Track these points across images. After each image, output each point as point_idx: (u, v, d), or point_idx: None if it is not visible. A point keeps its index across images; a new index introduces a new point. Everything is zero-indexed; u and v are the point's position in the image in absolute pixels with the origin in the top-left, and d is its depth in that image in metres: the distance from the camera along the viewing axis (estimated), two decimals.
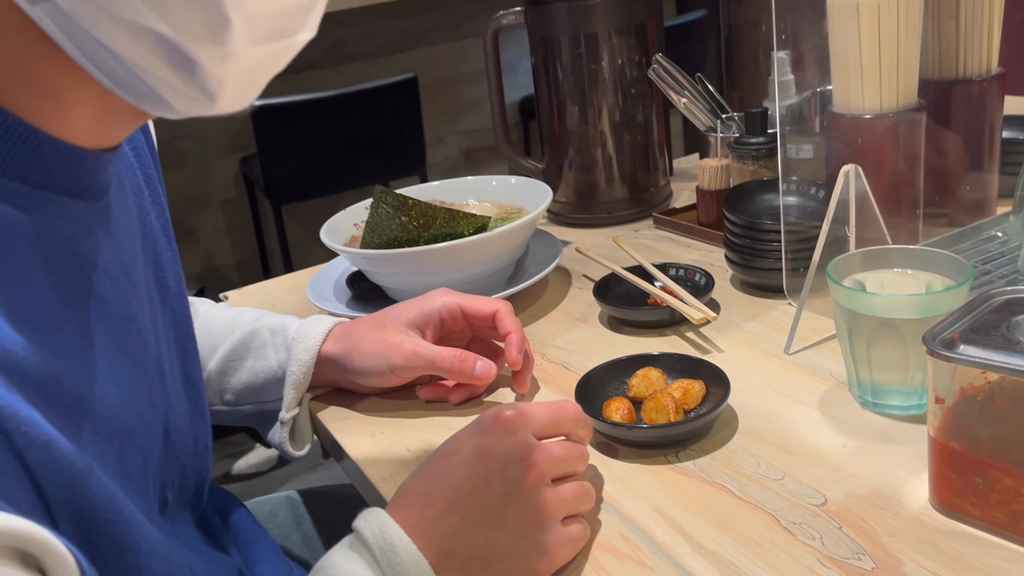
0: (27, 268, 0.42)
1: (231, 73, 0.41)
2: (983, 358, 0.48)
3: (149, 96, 0.42)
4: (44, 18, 0.39)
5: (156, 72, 0.40)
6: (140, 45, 0.39)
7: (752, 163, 0.95)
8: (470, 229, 0.86)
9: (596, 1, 1.02)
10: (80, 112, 0.44)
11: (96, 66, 0.41)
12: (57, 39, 0.40)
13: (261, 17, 0.40)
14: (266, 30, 0.41)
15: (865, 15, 0.78)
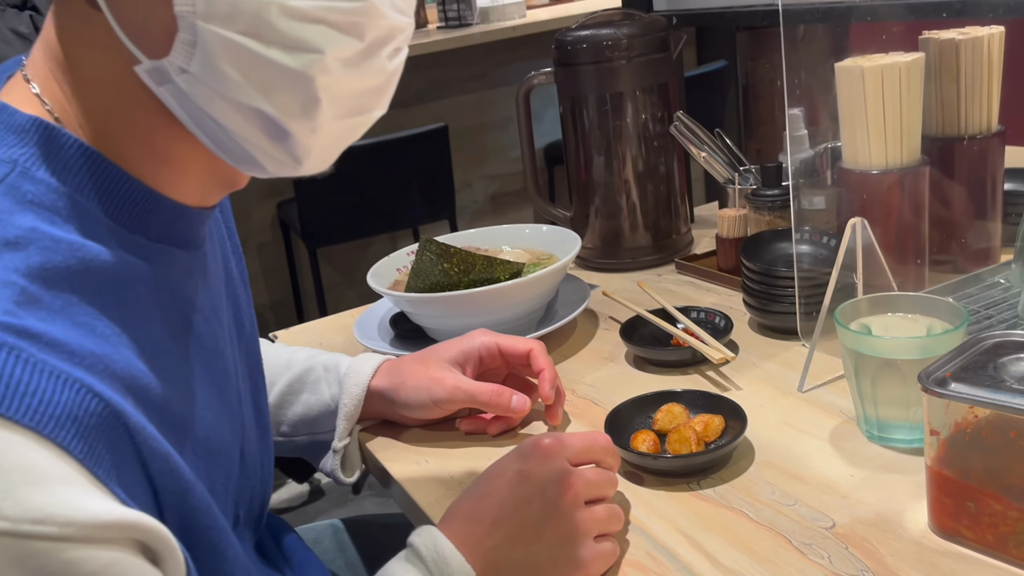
0: (146, 308, 0.49)
1: (317, 142, 0.49)
2: (971, 395, 0.54)
3: (247, 160, 0.50)
4: (168, 97, 0.47)
5: (256, 141, 0.48)
6: (246, 120, 0.47)
7: (768, 214, 1.02)
8: (506, 275, 0.93)
9: (621, 63, 1.10)
10: (189, 177, 0.52)
11: (207, 136, 0.49)
12: (177, 114, 0.48)
13: (344, 98, 0.48)
14: (348, 108, 0.49)
15: (870, 79, 0.85)
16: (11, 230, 0.43)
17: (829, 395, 0.78)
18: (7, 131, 0.47)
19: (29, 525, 0.37)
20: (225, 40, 0.44)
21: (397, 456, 0.79)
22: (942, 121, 0.95)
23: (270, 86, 0.46)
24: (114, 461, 0.42)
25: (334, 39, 0.46)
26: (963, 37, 0.91)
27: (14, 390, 0.39)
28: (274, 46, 0.45)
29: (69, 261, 0.45)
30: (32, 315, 0.42)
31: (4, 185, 0.45)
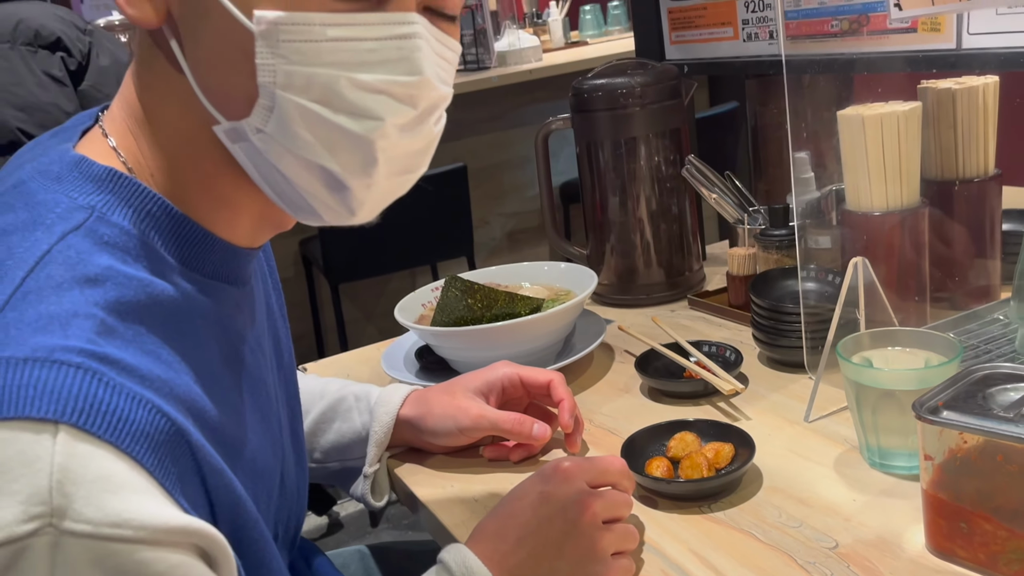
0: (202, 339, 0.54)
1: (371, 196, 0.55)
2: (961, 422, 0.58)
3: (306, 210, 0.56)
4: (240, 153, 0.53)
5: (317, 194, 0.54)
6: (310, 175, 0.53)
7: (776, 252, 1.07)
8: (526, 310, 0.98)
9: (635, 110, 1.16)
10: (243, 220, 0.58)
11: (271, 187, 0.55)
12: (246, 167, 0.54)
13: (397, 158, 0.54)
14: (399, 167, 0.55)
15: (870, 127, 0.90)
16: (91, 268, 0.49)
17: (834, 425, 0.82)
18: (86, 180, 0.53)
19: (108, 528, 0.42)
20: (300, 106, 0.50)
21: (424, 481, 0.84)
22: (941, 165, 1.00)
23: (336, 147, 0.52)
24: (179, 474, 0.47)
25: (393, 108, 0.52)
26: (959, 87, 0.96)
27: (97, 409, 0.44)
28: (342, 113, 0.51)
29: (139, 296, 0.50)
30: (110, 343, 0.47)
31: (84, 228, 0.51)
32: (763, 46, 1.18)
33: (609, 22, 3.99)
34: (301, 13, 0.49)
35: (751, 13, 1.18)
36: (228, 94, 0.52)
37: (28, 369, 0.43)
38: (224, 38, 0.50)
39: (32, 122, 1.76)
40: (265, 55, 0.49)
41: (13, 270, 0.47)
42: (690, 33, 1.29)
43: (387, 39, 0.51)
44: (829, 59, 1.03)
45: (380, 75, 0.51)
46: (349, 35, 0.50)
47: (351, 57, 0.50)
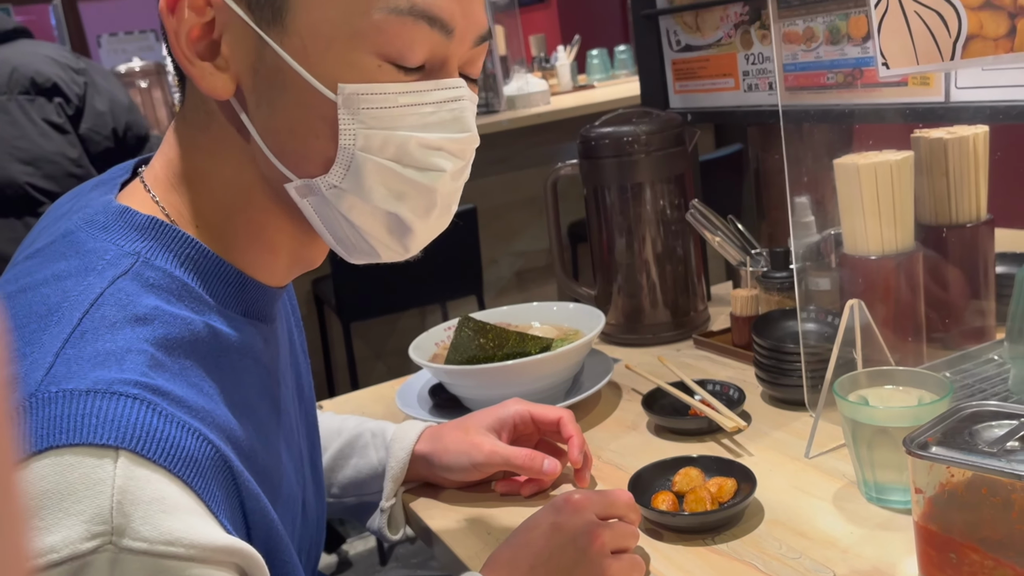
0: (237, 372, 0.59)
1: (425, 235, 0.62)
2: (949, 457, 0.61)
3: (363, 250, 0.62)
4: (308, 205, 0.60)
5: (379, 236, 0.61)
6: (376, 220, 0.60)
7: (777, 294, 1.11)
8: (536, 349, 1.02)
9: (641, 157, 1.21)
10: (280, 262, 0.63)
11: (331, 233, 0.61)
12: (309, 217, 0.60)
13: (449, 199, 0.62)
14: (448, 205, 0.62)
15: (865, 175, 0.94)
16: (140, 308, 0.54)
17: (833, 461, 0.85)
18: (131, 229, 0.58)
19: (163, 546, 0.46)
20: (376, 163, 0.57)
21: (438, 514, 0.87)
22: (935, 211, 1.04)
23: (404, 196, 0.59)
24: (222, 497, 0.51)
25: (450, 160, 0.60)
26: (950, 136, 1.00)
27: (153, 437, 0.48)
28: (410, 167, 0.58)
29: (183, 333, 0.55)
30: (160, 376, 0.51)
31: (132, 272, 0.55)
32: (763, 96, 1.23)
33: (616, 66, 4.07)
34: (377, 84, 0.56)
35: (751, 65, 1.24)
36: (304, 155, 0.58)
37: (90, 400, 0.48)
38: (304, 107, 0.56)
39: (40, 175, 1.77)
40: (347, 121, 0.56)
41: (70, 312, 0.52)
42: (693, 83, 1.34)
43: (443, 102, 0.59)
44: (825, 110, 1.08)
45: (439, 133, 0.59)
46: (414, 101, 0.57)
47: (417, 120, 0.58)
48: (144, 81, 2.77)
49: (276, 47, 0.55)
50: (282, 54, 0.55)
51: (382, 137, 0.57)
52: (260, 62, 0.56)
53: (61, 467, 0.46)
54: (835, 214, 1.02)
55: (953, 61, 0.76)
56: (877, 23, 0.82)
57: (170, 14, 0.56)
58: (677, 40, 1.35)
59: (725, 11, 1.26)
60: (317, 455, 0.79)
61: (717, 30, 1.28)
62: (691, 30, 1.32)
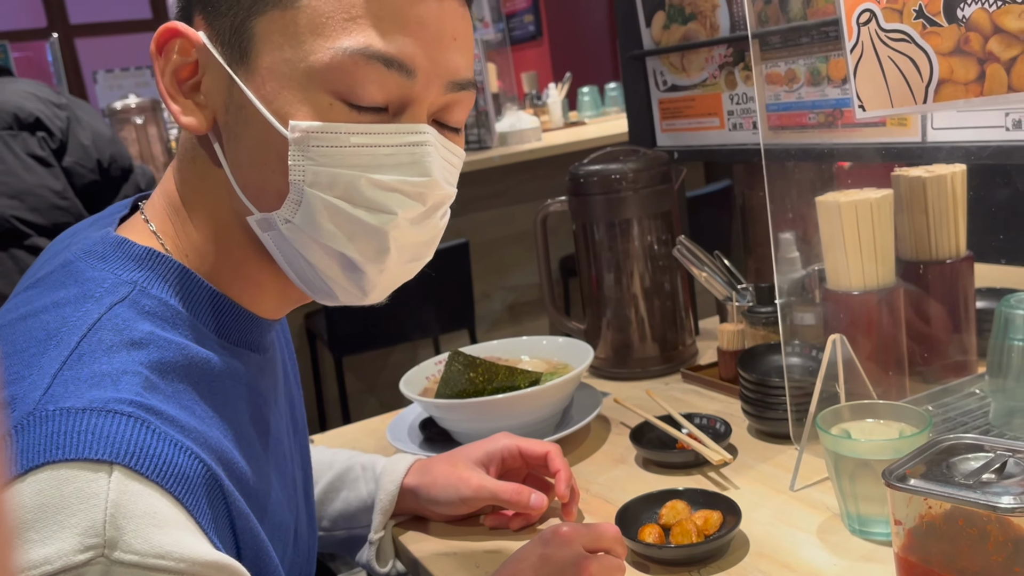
0: (231, 398, 0.60)
1: (382, 280, 0.62)
2: (926, 489, 0.63)
3: (323, 290, 0.62)
4: (269, 240, 0.61)
5: (336, 277, 0.61)
6: (331, 260, 0.60)
7: (763, 329, 1.13)
8: (526, 383, 1.03)
9: (628, 194, 1.23)
10: (268, 296, 0.65)
11: (294, 271, 0.61)
12: (273, 254, 0.61)
13: (407, 247, 0.61)
14: (408, 255, 0.62)
15: (846, 212, 0.97)
16: (136, 333, 0.55)
17: (817, 493, 0.87)
18: (128, 259, 0.60)
19: (153, 559, 0.47)
20: (324, 201, 0.58)
21: (427, 547, 0.88)
22: (915, 247, 1.06)
23: (355, 236, 0.59)
24: (213, 515, 0.53)
25: (405, 204, 0.59)
26: (929, 175, 1.03)
27: (146, 453, 0.50)
28: (360, 207, 0.59)
29: (177, 358, 0.56)
30: (155, 397, 0.53)
31: (128, 300, 0.57)
32: (747, 135, 1.26)
33: (606, 103, 4.13)
34: (330, 123, 0.57)
35: (735, 105, 1.27)
36: (263, 189, 0.59)
37: (86, 417, 0.49)
38: (262, 142, 0.58)
39: (24, 207, 1.79)
40: (297, 157, 0.57)
41: (68, 336, 0.54)
42: (680, 122, 1.37)
43: (401, 145, 0.59)
44: (807, 149, 1.11)
45: (394, 176, 0.59)
46: (369, 142, 0.58)
47: (370, 160, 0.58)
48: (140, 117, 2.80)
49: (241, 84, 0.58)
50: (245, 91, 0.58)
51: (330, 175, 0.57)
52: (230, 99, 0.59)
53: (57, 481, 0.47)
54: (819, 250, 1.04)
55: (926, 104, 0.78)
56: (853, 67, 0.85)
57: (158, 55, 0.60)
58: (664, 80, 1.38)
59: (710, 52, 1.29)
60: (310, 485, 0.80)
61: (702, 71, 1.31)
62: (677, 71, 1.35)
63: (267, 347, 0.68)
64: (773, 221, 1.00)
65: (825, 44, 1.09)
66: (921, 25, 0.77)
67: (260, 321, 0.65)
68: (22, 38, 5.26)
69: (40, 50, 4.99)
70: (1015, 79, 0.73)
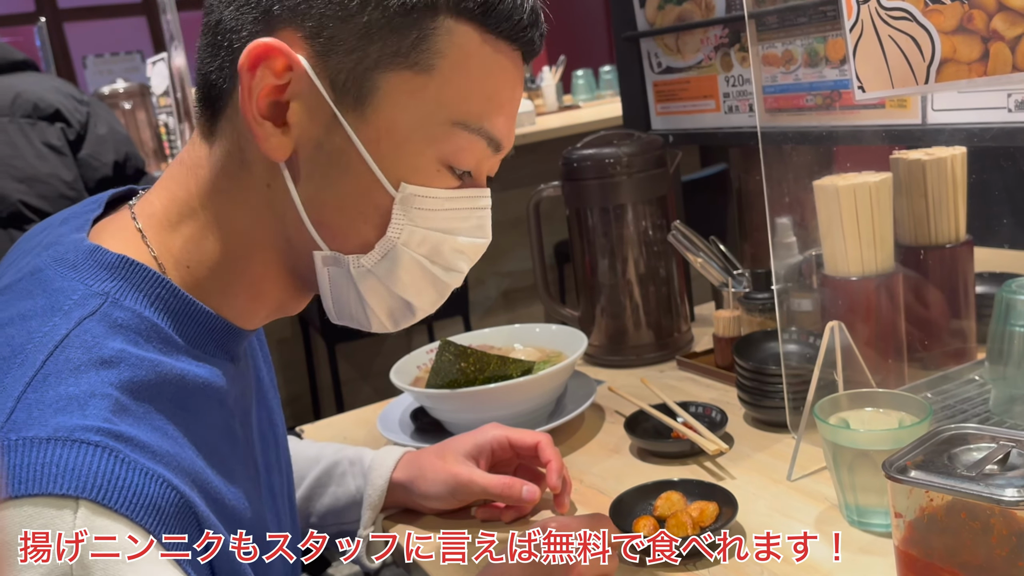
0: (203, 412, 0.58)
1: (419, 317, 0.65)
2: (927, 481, 0.61)
3: (359, 321, 0.64)
4: (325, 273, 0.61)
5: (381, 315, 0.63)
6: (389, 304, 0.62)
7: (759, 315, 1.11)
8: (518, 372, 1.01)
9: (623, 179, 1.21)
10: (263, 311, 0.64)
11: (336, 301, 0.62)
12: (321, 283, 0.61)
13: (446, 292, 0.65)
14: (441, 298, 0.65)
15: (844, 196, 0.95)
16: (106, 351, 0.53)
17: (815, 484, 0.85)
18: (100, 268, 0.57)
19: None
20: (412, 257, 0.60)
21: (419, 542, 0.86)
22: (915, 232, 1.04)
23: (425, 289, 0.63)
24: (187, 544, 0.50)
25: (469, 263, 0.65)
26: (928, 158, 1.01)
27: (114, 485, 0.47)
28: (438, 265, 0.63)
29: (149, 376, 0.54)
30: (124, 421, 0.50)
31: (99, 313, 0.54)
32: (744, 118, 1.24)
33: (601, 86, 4.10)
34: (432, 188, 0.60)
35: (731, 87, 1.24)
36: (346, 233, 0.60)
37: (50, 448, 0.47)
38: (361, 193, 0.59)
39: (33, 193, 1.79)
40: (399, 216, 0.59)
41: (33, 354, 0.51)
42: (674, 105, 1.35)
43: (474, 209, 0.63)
44: (804, 131, 1.09)
45: (467, 238, 0.63)
46: (455, 206, 0.62)
47: (453, 224, 0.62)
48: (128, 103, 2.77)
49: (350, 132, 0.57)
50: (355, 140, 0.57)
51: (422, 235, 0.60)
52: (327, 138, 0.58)
53: (20, 518, 0.45)
54: (816, 235, 1.02)
55: (927, 85, 0.76)
56: (852, 47, 0.82)
57: (249, 72, 0.56)
58: (658, 62, 1.36)
59: (705, 34, 1.26)
60: (292, 491, 0.79)
61: (697, 52, 1.28)
62: (672, 52, 1.33)
63: (240, 356, 0.66)
64: (770, 206, 0.98)
65: (823, 24, 1.06)
66: (923, 2, 0.75)
67: (239, 332, 0.63)
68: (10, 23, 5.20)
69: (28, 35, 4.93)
70: (1020, 58, 0.71)
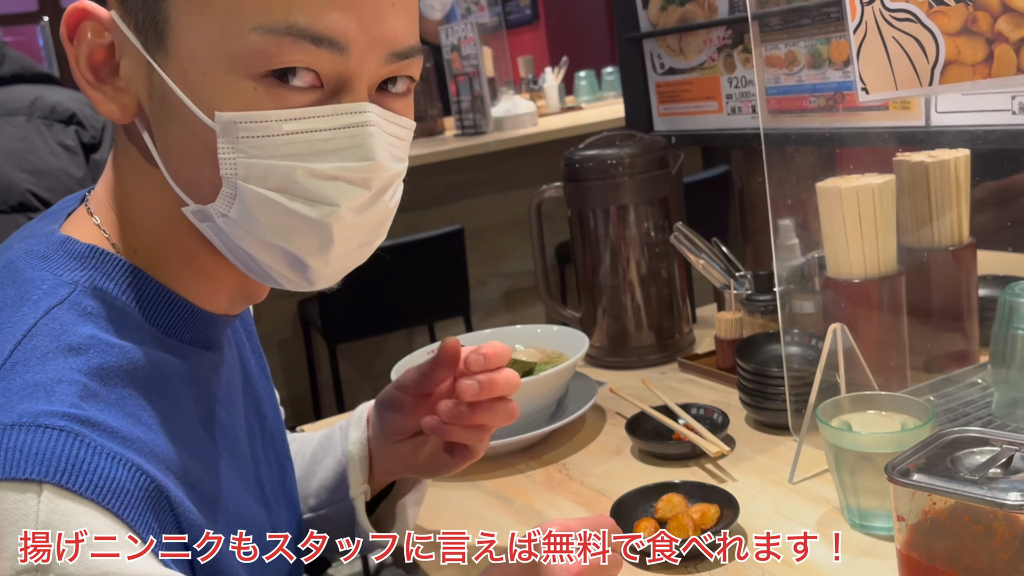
0: (181, 400, 0.58)
1: (329, 271, 0.59)
2: (930, 484, 0.61)
3: (271, 281, 0.60)
4: (208, 231, 0.58)
5: (280, 269, 0.59)
6: (272, 254, 0.58)
7: (761, 317, 1.10)
8: (519, 373, 1.01)
9: (625, 180, 1.21)
10: (222, 291, 0.62)
11: (239, 261, 0.59)
12: (215, 244, 0.59)
13: (355, 235, 0.58)
14: (357, 241, 0.59)
15: (847, 198, 0.94)
16: (75, 338, 0.52)
17: (817, 486, 0.85)
18: (70, 258, 0.57)
19: None
20: (259, 195, 0.54)
21: (419, 542, 0.85)
22: (917, 234, 1.04)
23: (294, 231, 0.55)
24: (159, 529, 0.50)
25: (347, 192, 0.55)
26: (932, 160, 1.00)
27: (79, 469, 0.47)
28: (299, 200, 0.54)
29: (120, 362, 0.53)
30: (93, 407, 0.50)
31: (68, 302, 0.54)
32: (746, 119, 1.24)
33: (603, 87, 4.09)
34: (258, 112, 0.53)
35: (734, 88, 1.24)
36: (195, 182, 0.56)
37: (14, 434, 0.47)
38: (190, 134, 0.54)
39: (41, 185, 1.82)
40: (226, 150, 0.54)
41: (1, 344, 0.51)
42: (677, 106, 1.35)
43: (340, 128, 0.54)
44: (807, 133, 1.08)
45: (334, 163, 0.54)
46: (304, 127, 0.53)
47: (306, 148, 0.54)
48: None
49: (159, 70, 0.54)
50: (165, 78, 0.54)
51: (263, 167, 0.53)
52: (151, 85, 0.55)
53: None
54: (819, 236, 1.02)
55: (931, 87, 0.76)
56: (856, 48, 0.82)
57: (69, 42, 0.55)
58: (661, 63, 1.35)
59: (708, 35, 1.26)
60: (290, 482, 0.77)
61: (700, 53, 1.28)
62: (674, 53, 1.33)
63: (221, 345, 0.65)
64: (772, 207, 0.98)
65: (826, 25, 1.06)
66: (927, 4, 0.75)
67: (214, 318, 0.62)
68: (13, 22, 5.21)
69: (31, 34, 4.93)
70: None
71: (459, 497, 0.93)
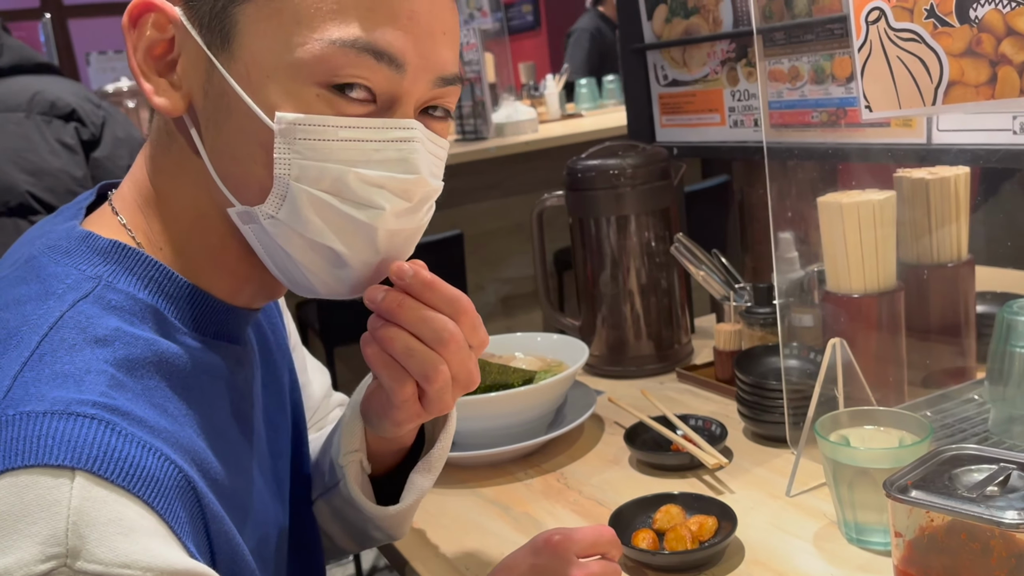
0: (207, 393, 0.58)
1: (365, 275, 0.60)
2: (928, 501, 0.61)
3: (304, 285, 0.61)
4: (250, 233, 0.59)
5: (318, 272, 0.59)
6: (316, 254, 0.58)
7: (760, 329, 1.11)
8: (519, 381, 1.02)
9: (626, 190, 1.21)
10: (246, 287, 0.63)
11: (274, 264, 0.60)
12: (254, 246, 0.59)
13: (393, 243, 0.60)
14: (393, 253, 0.60)
15: (848, 214, 0.95)
16: (100, 330, 0.53)
17: (814, 500, 0.85)
18: (93, 253, 0.57)
19: (118, 569, 0.45)
20: (311, 195, 0.56)
21: (416, 548, 0.86)
22: (917, 250, 1.05)
23: (343, 231, 0.57)
24: (186, 519, 0.50)
25: (391, 199, 0.58)
26: (932, 177, 1.01)
27: (111, 457, 0.47)
28: (348, 202, 0.57)
29: (146, 354, 0.54)
30: (121, 396, 0.51)
31: (93, 296, 0.55)
32: (748, 132, 1.25)
33: (604, 95, 4.11)
34: (317, 116, 0.55)
35: (737, 101, 1.25)
36: (244, 182, 0.57)
37: (47, 421, 0.47)
38: (246, 133, 0.56)
39: (41, 186, 1.81)
40: (283, 149, 0.55)
41: (29, 335, 0.51)
42: (679, 117, 1.35)
43: (389, 141, 0.57)
44: (809, 148, 1.09)
45: (381, 172, 0.57)
46: (358, 136, 0.56)
47: (358, 155, 0.56)
48: (132, 101, 2.77)
49: (222, 70, 0.56)
50: (227, 78, 0.56)
51: (318, 169, 0.56)
52: (209, 84, 0.57)
53: (17, 489, 0.45)
54: (819, 250, 1.03)
55: (935, 106, 0.77)
56: (860, 66, 0.83)
57: (131, 28, 0.57)
58: (664, 75, 1.36)
59: (712, 48, 1.27)
60: (304, 480, 0.78)
61: (704, 66, 1.29)
62: (678, 65, 1.33)
63: (244, 338, 0.66)
64: (774, 221, 0.99)
65: (830, 42, 1.07)
66: (932, 25, 0.76)
67: (237, 311, 0.63)
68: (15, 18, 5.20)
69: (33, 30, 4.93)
70: None
71: (457, 504, 0.94)
